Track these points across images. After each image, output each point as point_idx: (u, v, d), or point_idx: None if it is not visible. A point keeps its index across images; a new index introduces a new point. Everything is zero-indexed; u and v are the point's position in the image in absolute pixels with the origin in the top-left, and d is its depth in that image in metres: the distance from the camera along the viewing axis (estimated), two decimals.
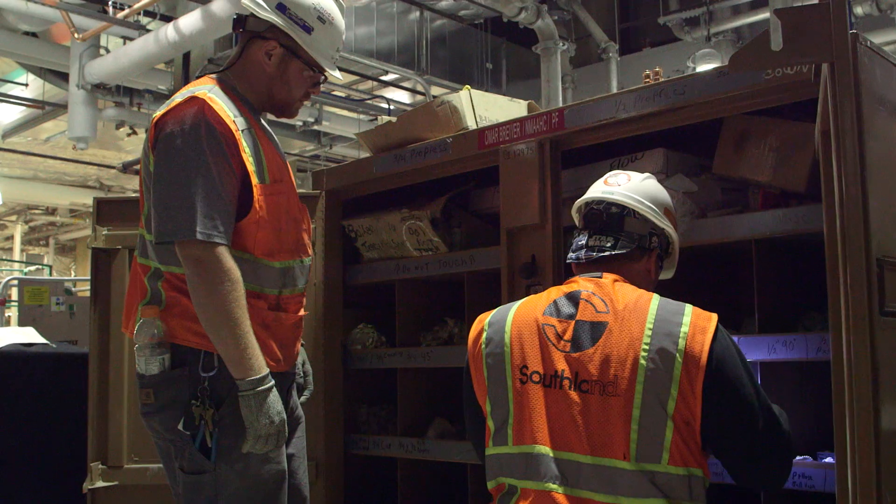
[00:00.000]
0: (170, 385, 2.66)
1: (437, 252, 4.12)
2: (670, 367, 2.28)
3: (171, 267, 2.70)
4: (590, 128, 3.42)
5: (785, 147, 3.19)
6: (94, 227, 4.47)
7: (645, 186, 2.71)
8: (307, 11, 2.83)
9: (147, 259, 2.77)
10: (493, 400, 2.51)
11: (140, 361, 2.67)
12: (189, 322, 2.66)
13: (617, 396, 2.31)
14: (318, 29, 2.86)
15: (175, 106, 2.67)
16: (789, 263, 3.30)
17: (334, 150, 13.55)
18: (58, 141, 14.68)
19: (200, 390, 2.63)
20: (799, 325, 3.19)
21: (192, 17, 8.04)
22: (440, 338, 4.25)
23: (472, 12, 11.35)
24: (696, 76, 3.20)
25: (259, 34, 2.84)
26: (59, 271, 23.09)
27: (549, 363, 2.43)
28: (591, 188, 2.75)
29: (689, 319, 2.35)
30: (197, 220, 2.55)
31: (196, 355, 2.66)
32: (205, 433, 2.62)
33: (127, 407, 4.32)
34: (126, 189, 18.31)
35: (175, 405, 2.65)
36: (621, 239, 2.62)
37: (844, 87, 2.06)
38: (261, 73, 2.86)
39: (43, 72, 10.86)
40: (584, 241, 2.66)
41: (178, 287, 2.69)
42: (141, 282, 2.78)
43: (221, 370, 2.64)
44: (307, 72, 2.90)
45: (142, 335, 2.66)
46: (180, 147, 2.60)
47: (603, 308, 2.45)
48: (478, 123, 3.94)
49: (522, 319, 2.54)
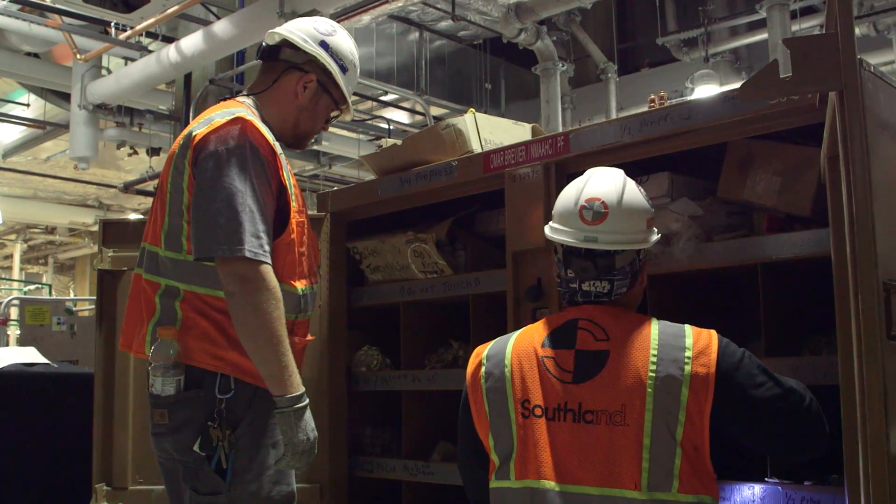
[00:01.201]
0: (185, 406, 2.69)
1: (443, 274, 4.13)
2: (677, 394, 2.28)
3: (194, 286, 2.73)
4: (595, 152, 3.43)
5: (789, 171, 3.21)
6: (100, 248, 4.48)
7: (628, 210, 2.56)
8: (345, 54, 3.03)
9: (157, 276, 2.79)
10: (496, 434, 2.49)
11: (156, 382, 2.69)
12: (207, 344, 2.70)
13: (625, 426, 2.30)
14: (350, 71, 3.06)
15: (219, 125, 2.73)
16: (795, 287, 3.30)
17: (334, 170, 13.58)
18: (58, 160, 14.72)
19: (217, 412, 2.66)
20: (805, 349, 3.19)
21: (194, 38, 8.07)
22: (445, 360, 4.25)
23: (471, 33, 11.39)
24: (701, 101, 3.22)
25: (297, 66, 2.98)
26: (58, 290, 23.09)
27: (552, 396, 2.41)
28: (564, 213, 2.61)
29: (691, 342, 2.35)
30: (244, 237, 2.60)
31: (212, 377, 2.69)
32: (220, 455, 2.65)
33: (132, 428, 4.33)
34: (125, 208, 18.33)
35: (189, 426, 2.68)
36: (616, 280, 2.53)
37: (854, 115, 2.08)
38: (292, 102, 2.99)
39: (44, 92, 10.90)
40: (575, 286, 2.55)
41: (198, 308, 2.72)
42: (149, 299, 2.80)
43: (237, 392, 2.69)
44: (331, 107, 3.06)
45: (158, 355, 2.68)
46: (226, 164, 2.67)
47: (602, 336, 2.43)
48: (483, 147, 3.96)
49: (521, 352, 2.51)
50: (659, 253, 3.24)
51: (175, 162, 2.79)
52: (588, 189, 2.60)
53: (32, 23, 8.41)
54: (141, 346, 2.81)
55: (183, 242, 2.74)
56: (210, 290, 2.72)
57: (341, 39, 3.05)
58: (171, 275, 2.76)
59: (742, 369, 2.34)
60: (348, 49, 3.05)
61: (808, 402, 2.40)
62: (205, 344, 2.70)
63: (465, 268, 4.17)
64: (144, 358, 2.80)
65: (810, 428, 2.41)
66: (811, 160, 3.08)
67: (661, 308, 3.28)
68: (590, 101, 11.21)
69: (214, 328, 2.71)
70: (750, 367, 2.36)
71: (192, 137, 2.75)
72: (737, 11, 10.37)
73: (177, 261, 2.75)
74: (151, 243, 2.83)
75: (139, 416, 4.38)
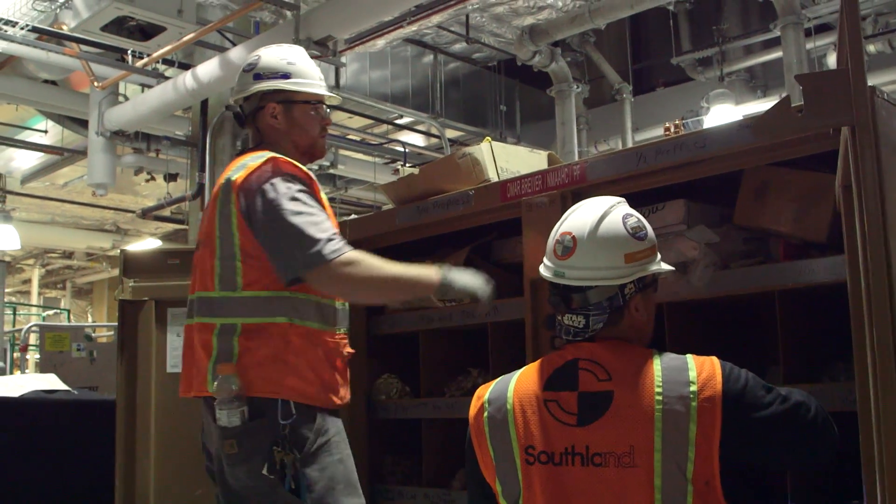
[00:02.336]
0: (251, 435, 2.86)
1: (461, 303, 4.14)
2: (685, 430, 2.25)
3: (249, 318, 2.94)
4: (610, 180, 3.45)
5: (805, 198, 3.21)
6: (120, 279, 4.54)
7: (598, 245, 2.49)
8: (277, 65, 3.21)
9: (211, 317, 2.99)
10: (502, 479, 2.47)
11: (222, 415, 2.86)
12: (263, 370, 2.90)
13: (634, 467, 2.27)
14: (292, 72, 3.22)
15: (255, 168, 2.98)
16: (812, 313, 3.31)
17: (350, 193, 13.61)
18: (75, 186, 14.79)
19: (281, 437, 2.84)
20: (823, 376, 3.19)
21: (210, 64, 8.11)
22: (464, 388, 4.25)
23: (486, 55, 11.41)
24: (715, 129, 3.22)
25: (257, 108, 3.21)
26: (76, 314, 23.17)
27: (557, 441, 2.38)
28: (547, 246, 2.62)
29: (695, 374, 2.31)
30: (319, 247, 2.85)
31: (274, 405, 2.87)
32: (289, 477, 2.82)
33: (154, 456, 4.37)
34: (142, 232, 18.40)
35: (258, 453, 2.85)
36: (591, 314, 2.48)
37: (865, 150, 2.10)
38: (277, 133, 3.20)
39: (62, 118, 10.96)
40: (560, 319, 2.53)
41: (255, 339, 2.92)
42: (206, 341, 2.99)
43: (299, 415, 2.88)
44: (310, 110, 3.23)
45: (221, 391, 2.86)
46: (273, 196, 2.90)
47: (604, 376, 2.39)
48: (499, 175, 3.98)
49: (523, 396, 2.48)
50: (676, 281, 3.25)
51: (220, 210, 3.00)
52: (566, 223, 2.60)
53: (50, 51, 8.46)
54: (203, 385, 2.97)
55: (238, 280, 2.96)
56: (264, 319, 2.93)
57: (267, 57, 3.23)
58: (226, 312, 2.96)
59: (748, 394, 2.31)
60: (277, 59, 3.22)
61: (814, 412, 2.37)
62: (264, 373, 2.89)
63: None
64: (206, 396, 2.99)
65: (821, 438, 2.39)
66: (827, 187, 3.09)
67: (677, 336, 3.30)
68: (605, 121, 11.22)
69: (271, 357, 2.91)
70: (755, 388, 2.33)
71: (231, 183, 2.97)
72: (751, 30, 10.36)
73: (232, 298, 2.96)
74: (202, 290, 3.04)
75: (161, 444, 4.42)
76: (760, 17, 10.24)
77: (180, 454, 4.44)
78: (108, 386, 8.36)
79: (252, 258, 2.96)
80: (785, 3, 8.51)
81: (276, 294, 2.95)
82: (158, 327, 4.52)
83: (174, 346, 4.52)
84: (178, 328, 4.52)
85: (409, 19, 8.36)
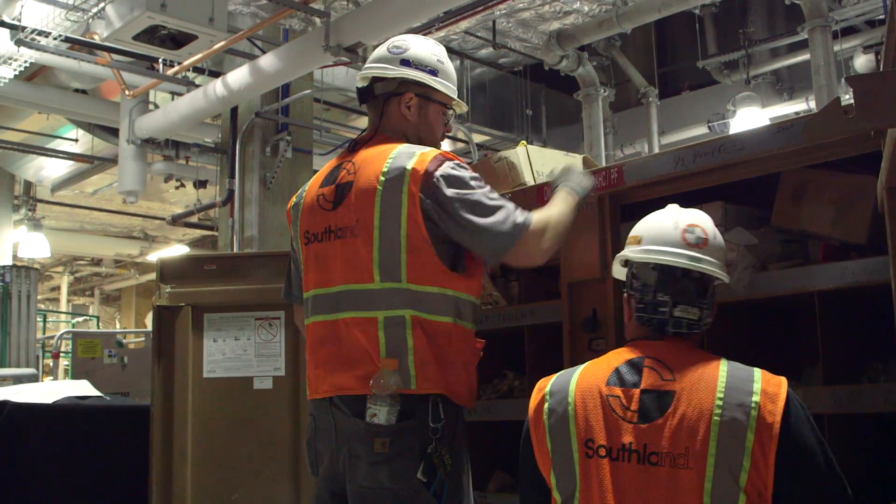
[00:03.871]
0: (404, 435, 2.77)
1: (497, 306, 4.16)
2: (742, 439, 2.24)
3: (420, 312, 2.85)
4: (649, 183, 3.47)
5: (844, 199, 3.21)
6: (157, 285, 4.57)
7: (719, 242, 2.61)
8: (428, 59, 3.12)
9: (371, 311, 2.86)
10: (558, 472, 2.46)
11: (380, 412, 2.77)
12: (427, 369, 2.82)
13: (688, 469, 2.26)
14: (440, 70, 3.14)
15: (432, 157, 2.90)
16: (852, 314, 3.30)
17: None
18: (104, 193, 14.91)
19: (437, 439, 2.78)
20: (863, 377, 3.19)
21: (240, 72, 8.18)
22: (500, 391, 4.27)
23: (512, 60, 11.42)
24: (753, 132, 3.24)
25: (392, 93, 3.11)
26: (105, 321, 23.33)
27: (616, 436, 2.37)
28: (663, 235, 2.60)
29: (760, 387, 2.30)
30: (514, 218, 2.84)
31: (425, 406, 2.80)
32: (438, 481, 2.76)
33: (190, 463, 4.39)
34: (170, 239, 18.52)
35: (406, 454, 2.76)
36: (705, 309, 2.54)
37: None
38: (406, 124, 3.12)
39: (92, 127, 11.06)
40: (666, 311, 2.52)
41: (422, 334, 2.83)
42: (370, 335, 2.85)
43: (447, 417, 2.82)
44: (442, 111, 3.17)
45: (383, 386, 2.77)
46: (460, 179, 2.88)
47: (668, 376, 2.40)
48: (535, 179, 4.00)
49: (585, 389, 2.47)
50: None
51: (383, 198, 2.87)
52: (684, 217, 2.64)
53: (82, 60, 8.55)
54: (355, 382, 2.85)
55: (402, 273, 2.84)
56: (431, 316, 2.85)
57: (418, 48, 3.14)
58: (390, 305, 2.84)
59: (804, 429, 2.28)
60: (428, 53, 3.14)
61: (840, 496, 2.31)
62: (427, 372, 2.81)
63: (518, 299, 4.19)
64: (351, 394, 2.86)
65: None
66: (866, 188, 3.09)
67: (717, 338, 3.30)
68: (631, 125, 11.20)
69: (435, 356, 2.83)
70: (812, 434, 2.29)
71: (406, 171, 2.86)
72: (777, 33, 10.32)
73: (398, 290, 2.84)
74: (353, 282, 2.91)
75: (198, 449, 4.45)
76: (786, 20, 10.21)
77: (217, 459, 4.46)
78: (138, 392, 8.43)
79: (417, 251, 2.85)
80: (812, 6, 8.48)
81: (441, 291, 2.87)
82: (195, 333, 4.54)
83: (210, 352, 4.54)
84: (215, 333, 4.55)
85: (438, 25, 8.41)
